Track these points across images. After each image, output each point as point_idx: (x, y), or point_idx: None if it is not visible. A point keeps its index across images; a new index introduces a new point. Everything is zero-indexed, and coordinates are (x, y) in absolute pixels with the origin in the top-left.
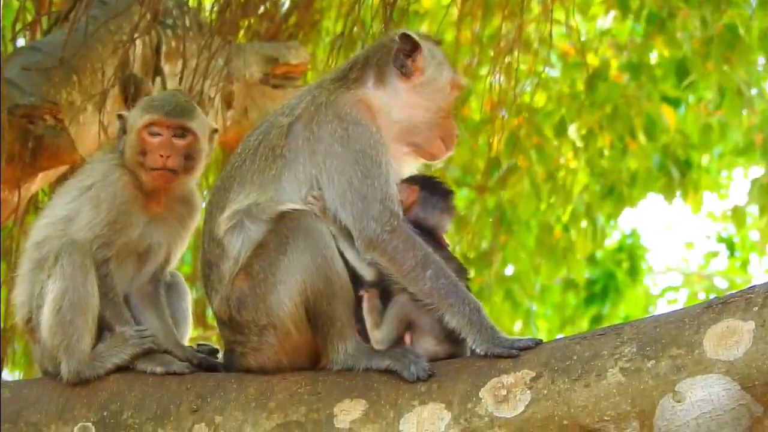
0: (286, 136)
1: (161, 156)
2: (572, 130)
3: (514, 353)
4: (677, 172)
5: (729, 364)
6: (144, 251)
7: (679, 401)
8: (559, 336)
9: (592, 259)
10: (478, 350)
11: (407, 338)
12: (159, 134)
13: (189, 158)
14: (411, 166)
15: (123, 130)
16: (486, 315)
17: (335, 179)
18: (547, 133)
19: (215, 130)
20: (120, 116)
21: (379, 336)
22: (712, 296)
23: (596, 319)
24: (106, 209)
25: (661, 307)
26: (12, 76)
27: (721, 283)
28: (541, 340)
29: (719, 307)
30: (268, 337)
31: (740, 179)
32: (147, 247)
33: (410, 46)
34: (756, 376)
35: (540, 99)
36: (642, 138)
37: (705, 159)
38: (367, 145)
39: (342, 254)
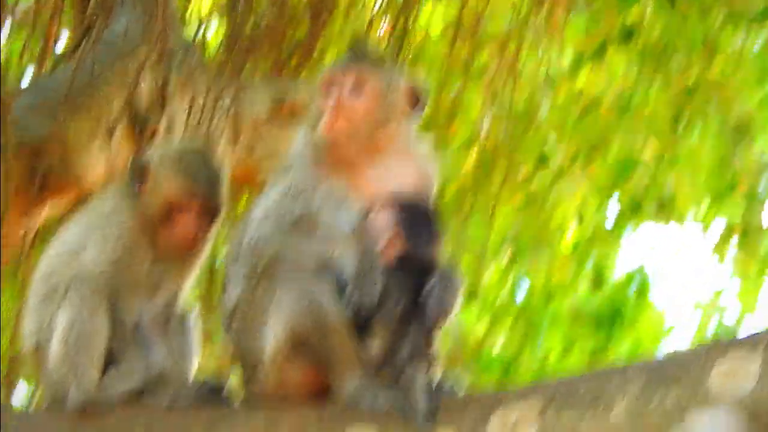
0: None
1: (184, 231)
2: None
3: None
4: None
5: (735, 401)
6: (154, 285)
7: None
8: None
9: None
10: None
11: None
12: (188, 210)
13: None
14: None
15: (141, 175)
16: None
17: None
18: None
19: None
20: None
21: None
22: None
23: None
24: (111, 249)
25: (672, 339)
26: (18, 114)
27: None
28: None
29: (725, 346)
30: (263, 373)
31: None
32: (156, 282)
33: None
34: (762, 413)
35: None
36: None
37: None
38: None
39: None
